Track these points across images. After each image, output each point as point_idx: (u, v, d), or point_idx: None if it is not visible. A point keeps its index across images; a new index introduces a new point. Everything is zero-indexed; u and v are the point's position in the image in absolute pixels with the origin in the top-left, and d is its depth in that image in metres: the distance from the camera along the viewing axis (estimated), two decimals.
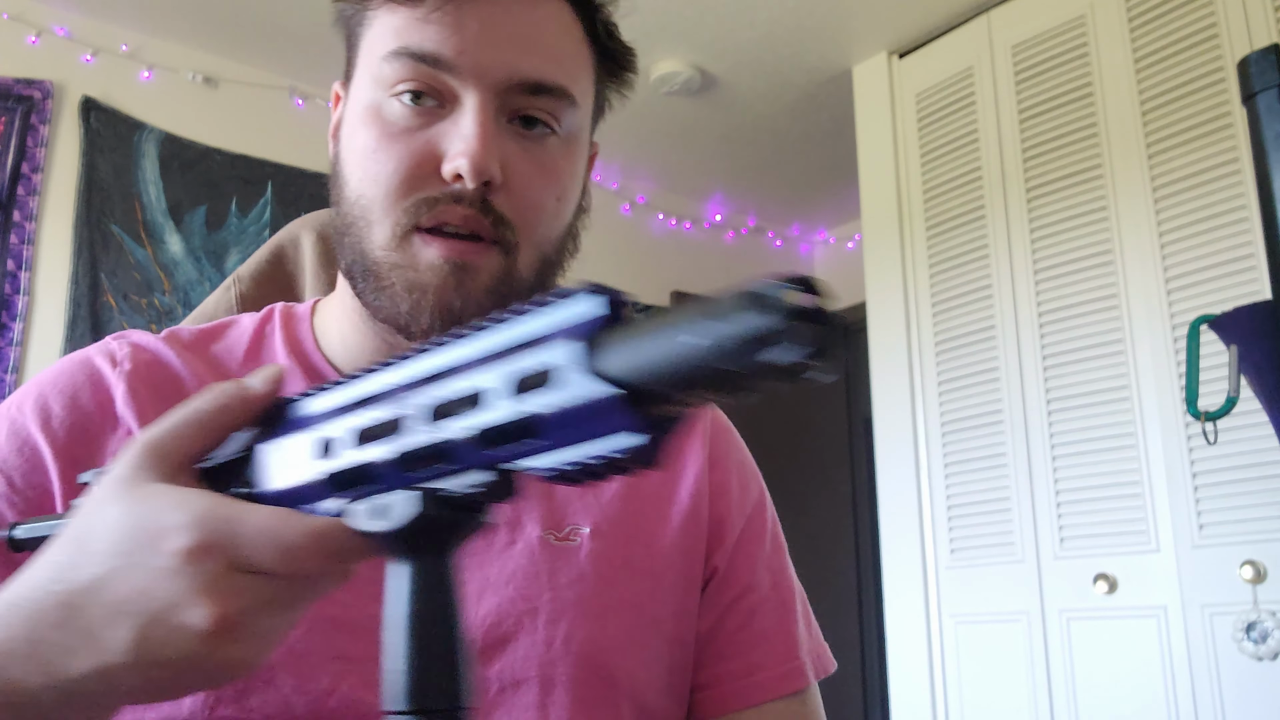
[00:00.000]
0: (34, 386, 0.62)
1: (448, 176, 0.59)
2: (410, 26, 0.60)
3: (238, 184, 2.92)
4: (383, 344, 0.66)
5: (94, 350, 0.65)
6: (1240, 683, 1.97)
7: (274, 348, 0.68)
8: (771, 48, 2.94)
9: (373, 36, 0.62)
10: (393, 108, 0.61)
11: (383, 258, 0.61)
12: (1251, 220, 2.05)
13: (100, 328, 2.62)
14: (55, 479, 0.58)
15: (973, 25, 2.71)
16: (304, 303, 0.72)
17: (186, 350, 0.66)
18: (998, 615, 2.41)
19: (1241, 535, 2.01)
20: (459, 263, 0.60)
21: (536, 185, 0.62)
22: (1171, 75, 2.26)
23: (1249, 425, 1.95)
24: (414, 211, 0.60)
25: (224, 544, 0.36)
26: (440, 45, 0.60)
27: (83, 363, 0.64)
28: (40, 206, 2.63)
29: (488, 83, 0.60)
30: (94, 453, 0.59)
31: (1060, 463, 2.33)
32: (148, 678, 0.37)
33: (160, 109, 2.84)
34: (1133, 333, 2.23)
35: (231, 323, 0.70)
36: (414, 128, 0.60)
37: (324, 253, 0.89)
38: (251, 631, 0.37)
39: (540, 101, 0.62)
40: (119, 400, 0.61)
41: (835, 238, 4.26)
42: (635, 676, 0.65)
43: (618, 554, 0.67)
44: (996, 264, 2.53)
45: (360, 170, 0.61)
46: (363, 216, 0.61)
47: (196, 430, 0.41)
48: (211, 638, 0.36)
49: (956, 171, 2.68)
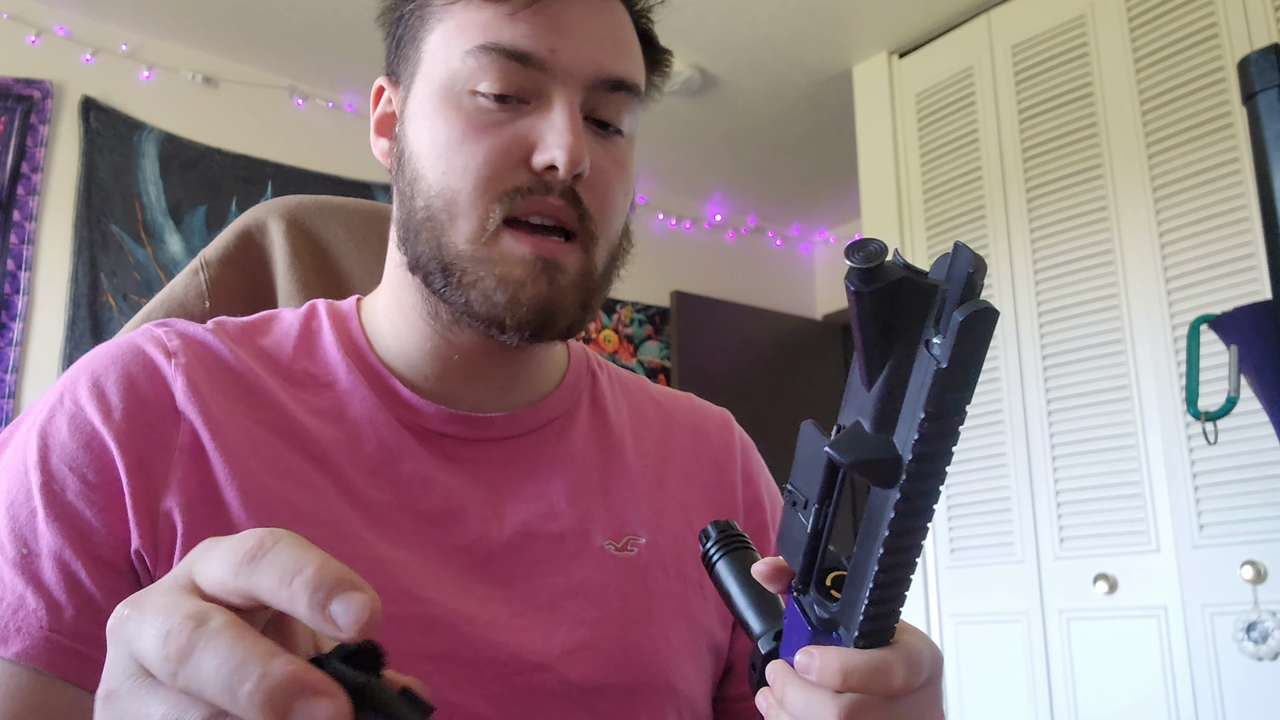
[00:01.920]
0: (85, 376, 0.59)
1: (539, 167, 0.60)
2: (498, 23, 0.61)
3: (238, 184, 2.92)
4: (443, 343, 0.65)
5: (141, 339, 0.62)
6: (1240, 683, 1.97)
7: (326, 346, 0.67)
8: (771, 48, 2.94)
9: (448, 31, 0.62)
10: (475, 103, 0.61)
11: (468, 251, 0.61)
12: (1251, 220, 2.05)
13: (100, 328, 2.62)
14: (123, 474, 0.56)
15: (973, 25, 2.71)
16: (346, 299, 0.71)
17: (235, 343, 0.65)
18: (998, 615, 2.41)
19: (1242, 535, 2.01)
20: (547, 259, 0.60)
21: (613, 182, 0.64)
22: (1171, 75, 2.26)
23: (1249, 425, 1.95)
24: (506, 202, 0.60)
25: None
26: (532, 43, 0.60)
27: (135, 351, 0.61)
28: (40, 206, 2.63)
29: (576, 80, 0.61)
30: (157, 448, 0.57)
31: (1060, 463, 2.32)
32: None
33: (160, 109, 2.84)
34: (1133, 333, 2.23)
35: (272, 317, 0.69)
36: (500, 121, 0.61)
37: (295, 242, 0.87)
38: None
39: (617, 99, 0.63)
40: (179, 395, 0.59)
41: (835, 238, 4.26)
42: (691, 685, 0.66)
43: (671, 564, 0.68)
44: (996, 264, 2.53)
45: (444, 163, 0.61)
46: (445, 209, 0.61)
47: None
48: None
49: (956, 171, 2.68)
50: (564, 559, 0.64)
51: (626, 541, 0.67)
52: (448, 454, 0.65)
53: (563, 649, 0.61)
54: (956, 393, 0.34)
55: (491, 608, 0.61)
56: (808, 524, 0.44)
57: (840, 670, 0.42)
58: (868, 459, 0.37)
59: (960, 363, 0.33)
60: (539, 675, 0.60)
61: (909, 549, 0.38)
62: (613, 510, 0.68)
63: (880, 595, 0.40)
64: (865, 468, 0.37)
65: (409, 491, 0.62)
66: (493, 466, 0.66)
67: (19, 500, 0.55)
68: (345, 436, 0.62)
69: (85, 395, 0.59)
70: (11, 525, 0.54)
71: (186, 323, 0.65)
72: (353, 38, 2.84)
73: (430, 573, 0.60)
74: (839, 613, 0.43)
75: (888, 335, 0.36)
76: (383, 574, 0.58)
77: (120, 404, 0.58)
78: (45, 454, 0.56)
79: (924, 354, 0.34)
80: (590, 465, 0.69)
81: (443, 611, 0.58)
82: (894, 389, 0.36)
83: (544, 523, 0.65)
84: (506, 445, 0.67)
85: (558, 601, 0.63)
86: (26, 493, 0.55)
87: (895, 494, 0.37)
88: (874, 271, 0.35)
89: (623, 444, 0.72)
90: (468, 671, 0.58)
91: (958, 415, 0.35)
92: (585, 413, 0.72)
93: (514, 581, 0.62)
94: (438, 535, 0.62)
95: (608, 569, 0.65)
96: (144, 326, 0.65)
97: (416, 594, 0.59)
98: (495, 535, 0.63)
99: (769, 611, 0.51)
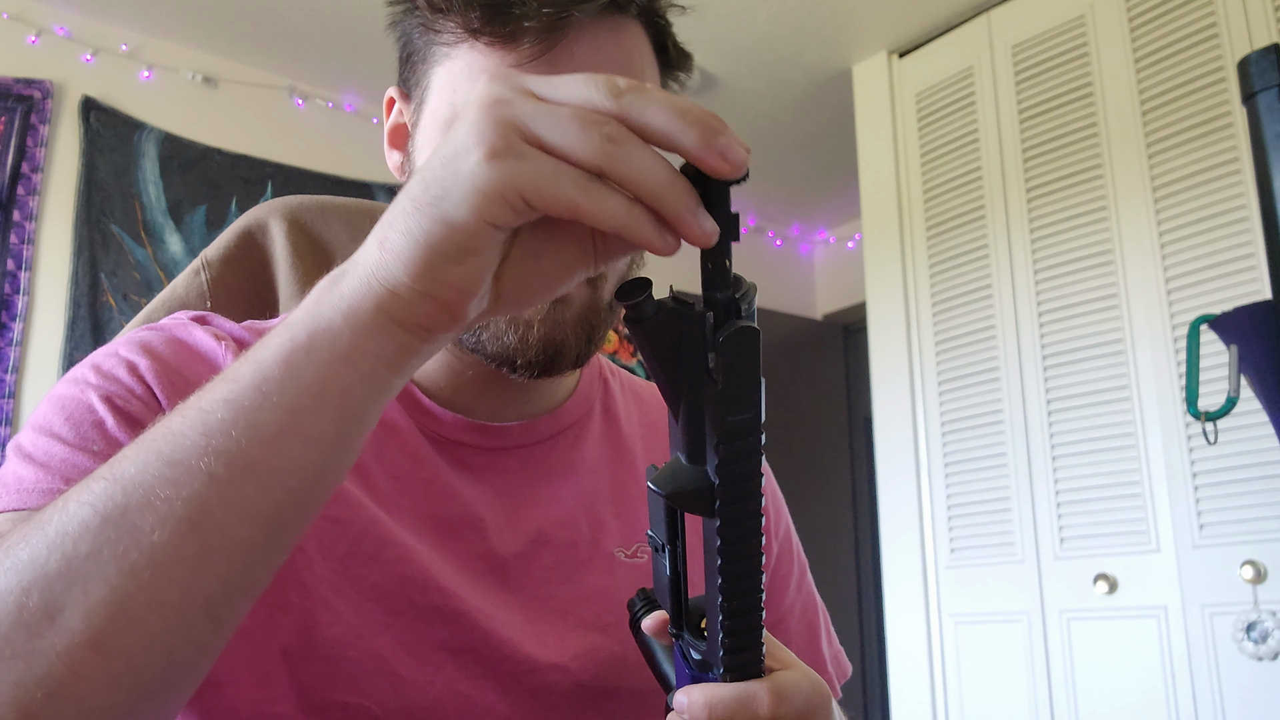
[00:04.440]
0: (132, 344, 0.59)
1: None
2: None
3: (238, 184, 2.91)
4: (457, 362, 0.66)
5: (179, 323, 0.62)
6: (1240, 683, 1.97)
7: None
8: (771, 48, 2.94)
9: (453, 72, 0.61)
10: None
11: None
12: (1252, 220, 2.05)
13: (100, 328, 2.62)
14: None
15: (973, 25, 2.71)
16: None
17: None
18: (998, 615, 2.41)
19: (1242, 535, 2.01)
20: (556, 298, 0.60)
21: None
22: (1171, 75, 2.26)
23: (1249, 425, 1.95)
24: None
25: (519, 100, 0.37)
26: None
27: (182, 328, 0.62)
28: (40, 206, 2.63)
29: None
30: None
31: (1060, 463, 2.32)
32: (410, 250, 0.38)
33: (160, 109, 2.84)
34: (1133, 333, 2.23)
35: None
36: None
37: (297, 242, 0.87)
38: (517, 185, 0.36)
39: None
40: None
41: (835, 238, 4.26)
42: None
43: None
44: (996, 264, 2.53)
45: None
46: None
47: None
48: (481, 165, 0.36)
49: (956, 171, 2.68)
50: (576, 566, 0.65)
51: (637, 549, 0.68)
52: (464, 462, 0.65)
53: (575, 653, 0.62)
54: (740, 413, 0.35)
55: (505, 613, 0.62)
56: (667, 567, 0.44)
57: (705, 704, 0.43)
58: (682, 490, 0.37)
59: (734, 382, 0.35)
60: (552, 675, 0.61)
61: (745, 576, 0.39)
62: (623, 518, 0.69)
63: (733, 626, 0.40)
64: (682, 499, 0.37)
65: (429, 497, 0.63)
66: (508, 475, 0.67)
67: (80, 414, 0.54)
68: (369, 439, 0.63)
69: (138, 352, 0.58)
70: (76, 429, 0.53)
71: (219, 316, 0.66)
72: (353, 38, 2.84)
73: (449, 573, 0.61)
74: (707, 651, 0.44)
75: (674, 367, 0.37)
76: (409, 562, 0.59)
77: (174, 363, 0.58)
78: (103, 387, 0.55)
79: (708, 380, 0.35)
80: (602, 473, 0.70)
81: (464, 606, 0.59)
82: (693, 419, 0.37)
83: (557, 530, 0.66)
84: (521, 453, 0.68)
85: (570, 607, 0.64)
86: (88, 407, 0.54)
87: (716, 522, 0.37)
88: (636, 308, 0.36)
89: (634, 451, 0.73)
90: (484, 666, 0.59)
91: (751, 436, 0.36)
92: (597, 420, 0.73)
93: (527, 588, 0.63)
94: (454, 542, 0.63)
95: (619, 575, 0.66)
96: (179, 315, 0.64)
97: (440, 586, 0.60)
98: (510, 543, 0.64)
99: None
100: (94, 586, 0.37)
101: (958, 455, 2.54)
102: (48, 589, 0.37)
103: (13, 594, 0.38)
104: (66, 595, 0.37)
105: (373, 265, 0.39)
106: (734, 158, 0.35)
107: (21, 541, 0.39)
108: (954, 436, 2.56)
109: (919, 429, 2.64)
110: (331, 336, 0.39)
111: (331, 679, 0.56)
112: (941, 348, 2.63)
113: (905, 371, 2.70)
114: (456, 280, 0.38)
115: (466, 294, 0.39)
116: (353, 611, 0.57)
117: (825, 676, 0.75)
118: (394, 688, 0.57)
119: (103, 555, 0.38)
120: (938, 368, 2.63)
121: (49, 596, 0.37)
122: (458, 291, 0.39)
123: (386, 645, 0.57)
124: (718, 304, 0.36)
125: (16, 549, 0.39)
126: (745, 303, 0.36)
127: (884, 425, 2.75)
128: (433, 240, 0.37)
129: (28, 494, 0.49)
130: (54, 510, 0.39)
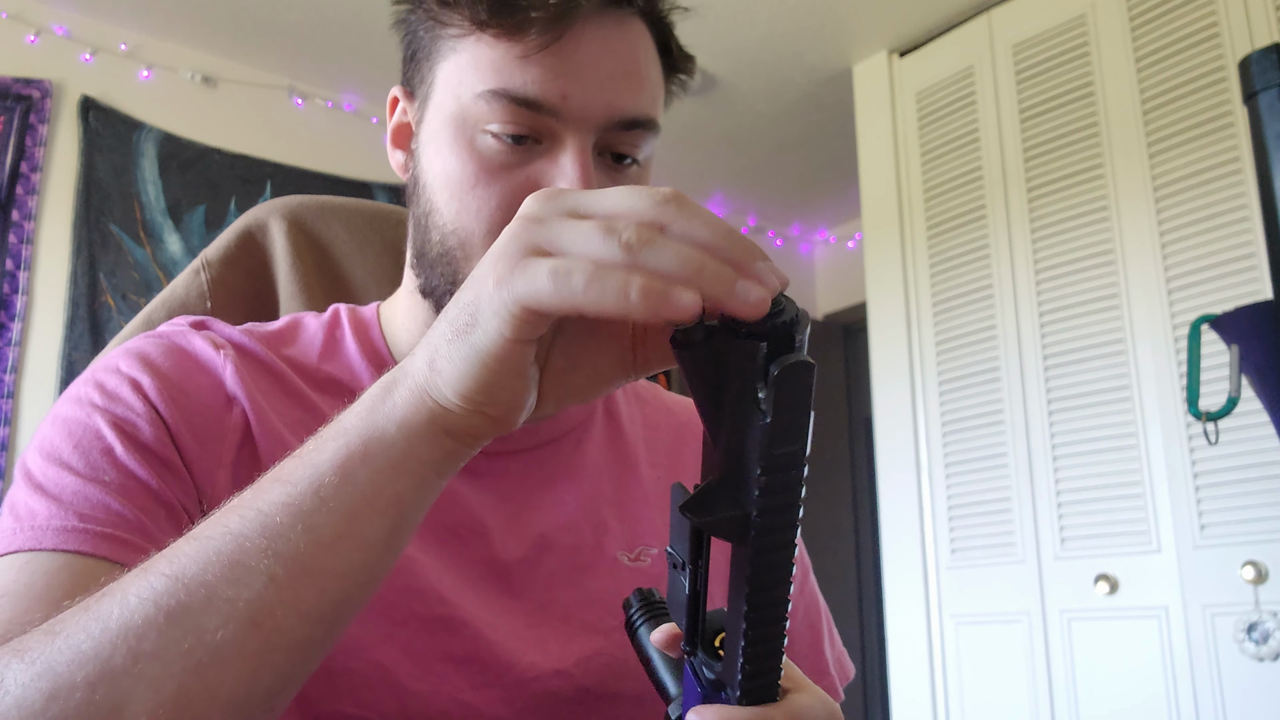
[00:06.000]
0: (133, 357, 0.59)
1: None
2: (509, 66, 0.59)
3: (237, 184, 2.91)
4: None
5: (178, 329, 0.63)
6: (1241, 683, 1.97)
7: (349, 353, 0.67)
8: (771, 47, 2.93)
9: (459, 65, 0.61)
10: (487, 142, 0.61)
11: None
12: (1252, 220, 2.05)
13: (99, 328, 2.62)
14: (180, 439, 0.56)
15: (973, 24, 2.71)
16: (367, 306, 0.72)
17: (269, 349, 0.65)
18: (998, 616, 2.40)
19: (1243, 535, 2.00)
20: None
21: None
22: (1172, 75, 2.25)
23: (1250, 425, 1.95)
24: None
25: (560, 200, 0.41)
26: (544, 90, 0.59)
27: (181, 336, 0.62)
28: (39, 206, 2.63)
29: (589, 124, 0.60)
30: (211, 424, 0.58)
31: (1061, 463, 2.32)
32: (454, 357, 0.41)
33: (159, 108, 2.84)
34: (1133, 333, 2.23)
35: (296, 325, 0.69)
36: (512, 164, 0.61)
37: (297, 242, 0.87)
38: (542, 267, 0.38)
39: (631, 135, 0.63)
40: (229, 381, 0.60)
41: (835, 237, 4.26)
42: None
43: None
44: (997, 264, 2.53)
45: (458, 202, 0.61)
46: (460, 247, 0.61)
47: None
48: (494, 289, 0.39)
49: (957, 171, 2.68)
50: (579, 570, 0.65)
51: (639, 552, 0.68)
52: (467, 467, 0.65)
53: (578, 658, 0.62)
54: (786, 446, 0.35)
55: (508, 620, 0.61)
56: (685, 585, 0.44)
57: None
58: (716, 518, 0.37)
59: (783, 416, 0.34)
60: (556, 681, 0.60)
61: (773, 604, 0.39)
62: (626, 521, 0.69)
63: (754, 651, 0.40)
64: (715, 526, 0.37)
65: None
66: (510, 479, 0.66)
67: (88, 441, 0.54)
68: None
69: (137, 367, 0.58)
70: (86, 459, 0.54)
71: (219, 322, 0.66)
72: (352, 37, 2.84)
73: (452, 580, 0.61)
74: (723, 672, 0.43)
75: (720, 394, 0.36)
76: (412, 573, 0.59)
77: (175, 378, 0.59)
78: (110, 410, 0.56)
79: (755, 410, 0.35)
80: (605, 476, 0.70)
81: (467, 616, 0.59)
82: (734, 446, 0.37)
83: (560, 534, 0.66)
84: (524, 457, 0.68)
85: (573, 611, 0.64)
86: (96, 433, 0.54)
87: (749, 550, 0.37)
88: (686, 332, 0.36)
89: (636, 454, 0.73)
90: (488, 676, 0.59)
91: (794, 469, 0.35)
92: (600, 423, 0.73)
93: (530, 593, 0.63)
94: (458, 548, 0.62)
95: (622, 579, 0.66)
96: (177, 321, 0.65)
97: (442, 596, 0.60)
98: (513, 548, 0.64)
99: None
100: (160, 683, 0.39)
101: (958, 455, 2.54)
102: (114, 685, 0.39)
103: (79, 689, 0.39)
104: (133, 691, 0.39)
105: (423, 381, 0.42)
106: (755, 298, 0.35)
107: (82, 632, 0.40)
108: (955, 436, 2.56)
109: (919, 429, 2.64)
110: (386, 445, 0.42)
111: (334, 691, 0.56)
112: (942, 348, 2.63)
113: (906, 371, 2.70)
114: (503, 400, 0.41)
115: (514, 410, 0.42)
116: (355, 623, 0.57)
117: (828, 678, 0.75)
118: (397, 699, 0.57)
119: (168, 653, 0.39)
120: (938, 368, 2.63)
121: (116, 692, 0.38)
122: (504, 408, 0.42)
123: (390, 656, 0.57)
124: (769, 333, 0.35)
125: (78, 641, 0.40)
126: (799, 332, 0.35)
127: (884, 425, 2.74)
128: (473, 369, 0.40)
129: (41, 532, 0.50)
130: (113, 603, 0.40)
